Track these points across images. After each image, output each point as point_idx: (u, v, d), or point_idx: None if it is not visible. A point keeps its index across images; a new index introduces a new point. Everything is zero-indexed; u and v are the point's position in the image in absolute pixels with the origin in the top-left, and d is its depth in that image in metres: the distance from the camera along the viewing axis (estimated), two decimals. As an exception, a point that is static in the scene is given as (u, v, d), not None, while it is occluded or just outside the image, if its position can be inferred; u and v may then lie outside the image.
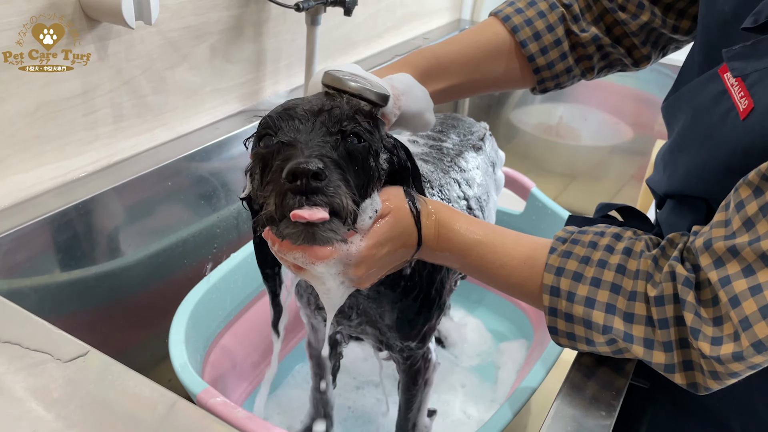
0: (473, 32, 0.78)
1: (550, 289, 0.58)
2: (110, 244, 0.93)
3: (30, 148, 0.83)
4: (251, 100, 1.16)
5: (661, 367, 0.55)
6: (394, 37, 1.53)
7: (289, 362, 1.14)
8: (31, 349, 0.62)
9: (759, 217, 0.49)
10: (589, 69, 0.80)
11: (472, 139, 0.96)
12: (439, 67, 0.74)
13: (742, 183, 0.52)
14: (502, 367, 1.20)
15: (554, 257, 0.59)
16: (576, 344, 0.60)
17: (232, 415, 0.68)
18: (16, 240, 0.80)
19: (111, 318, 0.96)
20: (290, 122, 0.55)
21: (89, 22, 0.84)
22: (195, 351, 0.86)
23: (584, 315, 0.57)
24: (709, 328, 0.50)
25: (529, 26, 0.75)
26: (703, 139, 0.61)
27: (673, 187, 0.69)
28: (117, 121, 0.93)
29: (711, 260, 0.51)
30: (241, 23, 1.07)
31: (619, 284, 0.56)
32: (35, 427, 0.54)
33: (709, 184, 0.61)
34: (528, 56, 0.76)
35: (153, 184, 0.96)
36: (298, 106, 0.57)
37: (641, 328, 0.55)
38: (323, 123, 0.55)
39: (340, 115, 0.56)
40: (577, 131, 1.86)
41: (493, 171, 0.99)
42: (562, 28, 0.76)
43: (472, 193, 0.86)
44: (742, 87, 0.56)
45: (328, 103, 0.57)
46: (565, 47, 0.76)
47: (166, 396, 0.59)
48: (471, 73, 0.76)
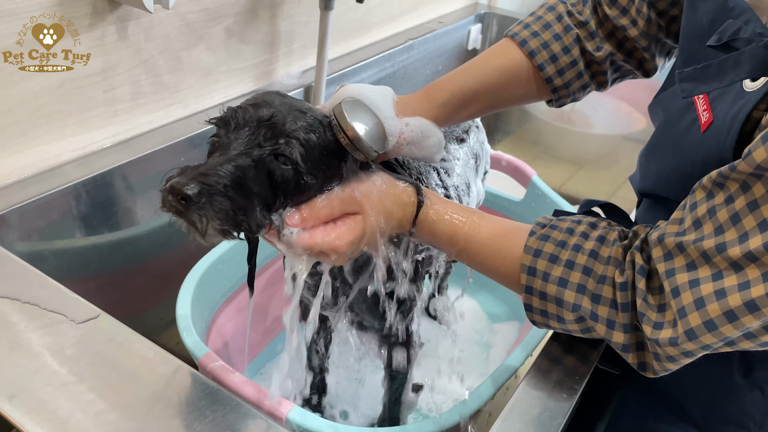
0: (493, 58, 0.79)
1: (528, 269, 0.62)
2: (125, 213, 0.99)
3: (53, 122, 0.89)
4: (264, 80, 1.20)
5: (618, 346, 0.59)
6: (408, 21, 1.55)
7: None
8: (48, 309, 0.68)
9: (706, 219, 0.53)
10: (603, 82, 0.82)
11: (457, 131, 0.99)
12: (464, 101, 0.76)
13: (698, 186, 0.55)
14: (494, 346, 1.26)
15: (533, 240, 0.63)
16: (548, 321, 0.64)
17: (229, 379, 0.73)
18: (38, 207, 0.86)
19: (123, 283, 1.03)
20: (233, 123, 0.59)
21: (111, 4, 0.88)
22: (200, 318, 0.92)
23: (557, 294, 0.61)
24: (653, 314, 0.55)
25: (546, 49, 0.77)
26: (671, 145, 0.65)
27: (646, 186, 0.72)
28: (134, 98, 0.98)
29: (662, 253, 0.55)
30: (256, 6, 1.11)
31: (591, 268, 0.60)
32: (49, 380, 0.60)
33: (674, 187, 0.65)
34: (546, 78, 0.78)
35: (167, 158, 1.02)
36: (248, 110, 0.59)
37: (606, 309, 0.59)
38: (257, 135, 0.58)
39: (277, 133, 0.58)
40: (589, 119, 1.86)
41: (475, 163, 1.01)
42: (577, 49, 0.78)
43: (450, 183, 0.89)
44: (705, 101, 0.59)
45: (269, 116, 0.59)
46: (580, 66, 0.79)
47: (169, 359, 0.64)
48: (492, 99, 0.79)
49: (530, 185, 1.27)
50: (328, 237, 0.61)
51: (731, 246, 0.50)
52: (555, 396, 0.63)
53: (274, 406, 0.70)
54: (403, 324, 0.83)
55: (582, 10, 0.79)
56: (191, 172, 0.54)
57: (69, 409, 0.57)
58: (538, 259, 0.62)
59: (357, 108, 0.64)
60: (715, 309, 0.50)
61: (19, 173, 0.88)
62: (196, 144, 1.05)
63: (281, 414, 0.69)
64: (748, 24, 0.55)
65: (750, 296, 0.49)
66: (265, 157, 0.57)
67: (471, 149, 1.00)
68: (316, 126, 0.61)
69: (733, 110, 0.56)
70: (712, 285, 0.51)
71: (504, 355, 1.21)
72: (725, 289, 0.50)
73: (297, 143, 0.58)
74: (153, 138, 1.01)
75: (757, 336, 0.52)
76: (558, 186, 1.83)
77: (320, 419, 0.70)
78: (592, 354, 0.68)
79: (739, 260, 0.50)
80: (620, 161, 1.79)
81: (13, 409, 0.57)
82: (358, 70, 1.35)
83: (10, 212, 0.83)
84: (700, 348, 0.53)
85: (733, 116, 0.55)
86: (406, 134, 0.70)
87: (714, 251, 0.51)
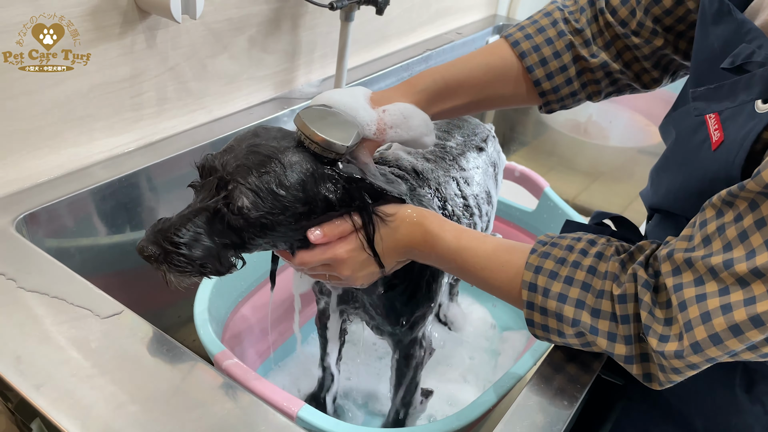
0: (482, 54, 0.81)
1: (529, 285, 0.64)
2: (148, 213, 1.03)
3: (83, 125, 0.93)
4: (285, 87, 1.23)
5: (621, 358, 0.61)
6: (427, 31, 1.58)
7: (306, 330, 1.24)
8: (74, 305, 0.71)
9: (715, 236, 0.55)
10: (596, 92, 0.83)
11: (476, 140, 1.01)
12: (447, 90, 0.78)
13: (708, 204, 0.57)
14: (502, 354, 1.28)
15: (534, 257, 0.65)
16: (549, 336, 0.66)
17: (243, 376, 0.76)
18: (67, 206, 0.90)
19: (145, 281, 1.06)
20: (204, 172, 0.64)
21: (141, 14, 0.92)
22: (217, 316, 0.95)
23: (557, 309, 0.63)
24: (659, 327, 0.56)
25: (537, 52, 0.79)
26: (681, 163, 0.66)
27: (656, 202, 0.74)
28: (160, 103, 1.02)
29: (671, 268, 0.57)
30: (279, 16, 1.14)
31: (589, 283, 0.62)
32: (74, 371, 0.63)
33: (683, 204, 0.67)
34: (534, 81, 0.80)
35: (190, 161, 1.04)
36: (216, 158, 0.63)
37: (606, 323, 0.60)
38: (214, 185, 0.62)
39: (225, 182, 0.61)
40: (605, 131, 1.87)
41: (494, 171, 1.04)
42: (569, 55, 0.79)
43: (470, 192, 0.91)
44: (717, 121, 0.61)
45: (222, 164, 0.62)
46: (571, 73, 0.80)
47: (187, 355, 0.67)
48: (478, 94, 0.80)
49: (543, 196, 1.29)
50: (328, 249, 0.67)
51: (738, 262, 0.51)
52: (556, 403, 0.65)
53: (285, 404, 0.73)
54: (415, 330, 0.85)
55: (579, 18, 0.80)
56: (153, 232, 0.61)
57: (92, 400, 0.61)
58: (538, 276, 0.64)
59: (317, 113, 0.66)
60: (721, 323, 0.51)
61: (49, 173, 0.92)
62: (217, 148, 1.07)
63: (292, 412, 0.72)
64: (761, 48, 0.57)
65: (755, 311, 0.50)
66: (219, 208, 0.61)
67: (489, 157, 1.02)
68: (270, 165, 0.61)
69: (744, 130, 0.57)
70: (718, 300, 0.52)
71: (511, 363, 1.23)
72: (731, 304, 0.51)
73: (244, 188, 0.60)
74: (177, 142, 1.05)
75: (759, 348, 0.54)
76: (572, 197, 1.84)
77: (329, 418, 0.73)
78: (594, 363, 0.70)
79: (745, 276, 0.51)
80: (635, 174, 1.79)
81: (40, 397, 0.61)
82: (376, 79, 1.38)
83: (40, 210, 0.87)
84: (705, 360, 0.55)
85: (743, 136, 0.57)
86: (386, 119, 0.72)
87: (721, 267, 0.52)
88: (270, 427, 0.61)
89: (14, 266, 0.76)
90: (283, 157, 0.61)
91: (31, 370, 0.63)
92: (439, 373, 1.20)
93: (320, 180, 0.63)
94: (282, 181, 0.61)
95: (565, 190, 1.78)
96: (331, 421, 0.72)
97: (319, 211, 0.65)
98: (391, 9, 1.25)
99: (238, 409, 0.62)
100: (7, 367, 0.63)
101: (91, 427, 0.58)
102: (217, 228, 0.61)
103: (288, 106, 1.19)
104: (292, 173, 0.61)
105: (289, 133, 0.66)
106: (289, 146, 0.63)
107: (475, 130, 1.03)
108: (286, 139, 0.64)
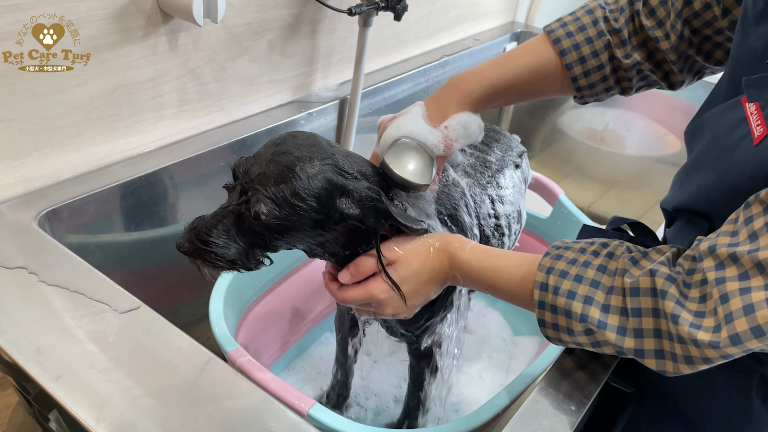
0: (527, 55, 0.84)
1: (540, 285, 0.65)
2: (167, 212, 1.05)
3: (105, 125, 0.95)
4: (302, 91, 1.25)
5: (631, 351, 0.61)
6: (444, 38, 1.59)
7: (318, 331, 1.25)
8: (93, 299, 0.73)
9: (763, 231, 0.55)
10: (628, 88, 0.86)
11: (512, 156, 1.01)
12: (494, 94, 0.82)
13: (754, 200, 0.57)
14: (514, 358, 1.28)
15: (547, 259, 0.67)
16: (560, 335, 0.66)
17: (256, 373, 0.77)
18: (88, 203, 0.92)
19: (162, 278, 1.08)
20: (236, 174, 0.67)
21: (164, 17, 0.94)
22: (231, 315, 0.97)
23: (565, 306, 0.63)
24: (690, 316, 0.56)
25: (576, 51, 0.82)
26: (716, 160, 0.67)
27: (683, 202, 0.74)
28: (181, 104, 1.04)
29: (714, 263, 0.57)
30: (298, 21, 1.16)
31: (599, 281, 0.63)
32: (92, 364, 0.65)
33: (715, 202, 0.67)
34: (572, 77, 0.83)
35: (208, 162, 1.07)
36: (244, 163, 0.66)
37: (615, 317, 0.61)
38: (241, 189, 0.65)
39: (247, 188, 0.64)
40: (622, 139, 1.86)
41: (524, 188, 1.04)
42: (606, 54, 0.82)
43: (503, 211, 0.92)
44: (759, 115, 0.61)
45: (245, 170, 0.65)
46: (607, 71, 0.83)
47: (202, 351, 0.68)
48: (521, 94, 0.85)
49: (557, 204, 1.29)
50: (364, 290, 0.71)
51: None
52: (564, 408, 0.66)
53: (296, 401, 0.74)
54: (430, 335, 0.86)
55: (618, 18, 0.82)
56: (189, 231, 0.66)
57: (108, 392, 0.62)
58: (549, 275, 0.65)
59: (400, 153, 0.73)
60: (765, 315, 0.52)
61: (72, 171, 0.94)
62: (235, 150, 1.10)
63: (303, 410, 0.73)
64: None
65: None
66: (242, 212, 0.65)
67: (523, 174, 1.04)
68: (288, 175, 0.64)
69: None
70: (764, 293, 0.53)
71: (523, 367, 1.23)
72: None
73: (262, 196, 0.63)
74: (196, 143, 1.07)
75: None
76: (587, 205, 1.83)
77: (340, 417, 0.74)
78: (603, 369, 0.71)
79: None
80: (651, 183, 1.79)
81: (58, 388, 0.62)
82: (393, 85, 1.39)
83: (62, 207, 0.89)
84: (741, 352, 0.55)
85: None
86: (450, 135, 0.79)
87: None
88: (281, 424, 0.62)
89: (36, 260, 0.78)
90: (303, 168, 0.64)
91: (50, 362, 0.65)
92: (451, 373, 1.21)
93: (337, 193, 0.66)
94: (298, 192, 0.63)
95: (580, 198, 1.77)
96: (341, 420, 0.73)
97: (336, 220, 0.67)
98: (409, 15, 1.26)
99: (250, 405, 0.63)
100: (27, 358, 0.65)
101: (106, 418, 0.60)
102: (243, 229, 0.65)
103: (305, 110, 1.21)
104: (309, 184, 0.64)
105: (318, 140, 0.68)
106: (312, 156, 0.65)
107: (510, 144, 1.04)
108: (313, 148, 0.66)
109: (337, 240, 0.69)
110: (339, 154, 0.67)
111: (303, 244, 0.69)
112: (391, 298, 0.70)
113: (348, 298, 0.72)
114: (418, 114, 0.79)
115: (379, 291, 0.70)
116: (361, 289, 0.71)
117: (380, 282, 0.70)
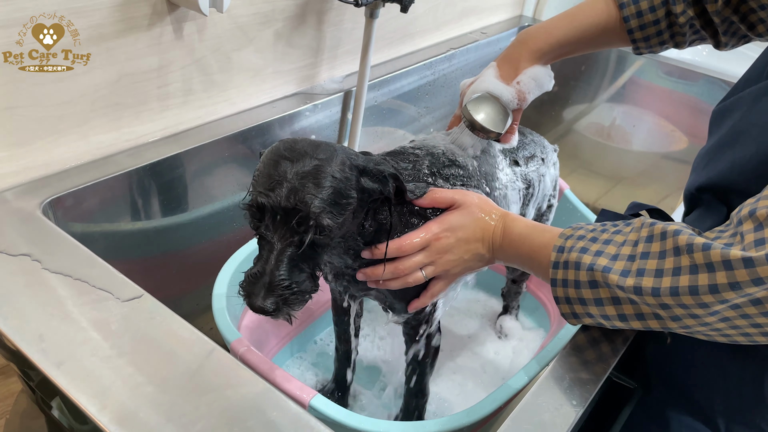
0: (591, 12, 0.90)
1: (558, 248, 0.68)
2: (171, 202, 1.05)
3: (110, 114, 0.95)
4: (308, 82, 1.25)
5: (630, 290, 0.61)
6: (451, 30, 1.58)
7: (321, 322, 1.25)
8: (96, 287, 0.73)
9: None
10: (681, 42, 0.91)
11: (552, 169, 1.06)
12: (560, 50, 0.90)
13: None
14: (517, 352, 1.28)
15: (567, 230, 0.70)
16: (567, 292, 0.67)
17: (258, 363, 0.77)
18: (92, 192, 0.92)
19: (165, 267, 1.08)
20: (265, 211, 0.64)
21: (169, 6, 0.94)
22: (235, 305, 0.97)
23: (576, 259, 0.66)
24: (721, 243, 0.57)
25: (635, 5, 0.88)
26: (757, 132, 0.68)
27: (710, 180, 0.75)
28: (186, 94, 1.04)
29: (753, 225, 0.57)
30: (305, 12, 1.15)
31: (610, 239, 0.65)
32: (94, 351, 0.65)
33: (748, 174, 0.68)
34: (628, 29, 0.88)
35: (212, 152, 1.07)
36: (270, 196, 0.63)
37: (622, 263, 0.62)
38: (289, 223, 0.63)
39: (304, 217, 0.63)
40: (628, 135, 1.85)
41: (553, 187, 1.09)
42: (663, 10, 0.87)
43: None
44: None
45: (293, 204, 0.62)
46: (662, 26, 0.88)
47: (204, 341, 0.68)
48: (582, 48, 0.92)
49: (562, 198, 1.29)
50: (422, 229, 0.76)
51: None
52: (565, 402, 0.65)
53: (298, 392, 0.74)
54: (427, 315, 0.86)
55: None
56: (263, 289, 0.63)
57: (110, 379, 0.62)
58: (567, 240, 0.68)
59: (479, 103, 0.85)
60: None
61: (76, 159, 0.94)
62: (240, 140, 1.10)
63: (304, 400, 0.73)
64: None
65: None
66: (303, 239, 0.64)
67: (552, 179, 1.08)
68: (326, 182, 0.64)
69: None
70: None
71: (525, 361, 1.23)
72: None
73: (322, 216, 0.63)
74: (201, 133, 1.07)
75: None
76: (592, 201, 1.83)
77: (341, 408, 0.74)
78: (605, 364, 0.70)
79: None
80: (657, 179, 1.78)
81: (61, 375, 0.62)
82: (399, 77, 1.39)
83: (66, 195, 0.89)
84: None
85: None
86: (522, 89, 0.88)
87: None
88: (282, 413, 0.62)
89: (40, 248, 0.78)
90: (332, 169, 0.65)
91: (53, 349, 0.65)
92: (457, 361, 1.21)
93: (360, 175, 0.68)
94: (341, 191, 0.65)
95: (586, 194, 1.77)
96: (342, 411, 0.73)
97: (366, 200, 0.70)
98: (416, 7, 1.25)
99: (252, 395, 0.63)
100: (30, 345, 0.65)
101: (108, 406, 0.60)
102: (304, 255, 0.65)
103: (311, 101, 1.20)
104: (345, 179, 0.66)
105: (312, 140, 0.68)
106: (329, 155, 0.65)
107: (545, 150, 1.05)
108: (319, 148, 0.66)
109: (366, 217, 0.72)
110: (335, 144, 0.69)
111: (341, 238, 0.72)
112: (450, 244, 0.75)
113: (406, 244, 0.74)
114: (491, 75, 0.89)
115: (437, 228, 0.75)
116: (422, 230, 0.75)
117: (436, 223, 0.75)
